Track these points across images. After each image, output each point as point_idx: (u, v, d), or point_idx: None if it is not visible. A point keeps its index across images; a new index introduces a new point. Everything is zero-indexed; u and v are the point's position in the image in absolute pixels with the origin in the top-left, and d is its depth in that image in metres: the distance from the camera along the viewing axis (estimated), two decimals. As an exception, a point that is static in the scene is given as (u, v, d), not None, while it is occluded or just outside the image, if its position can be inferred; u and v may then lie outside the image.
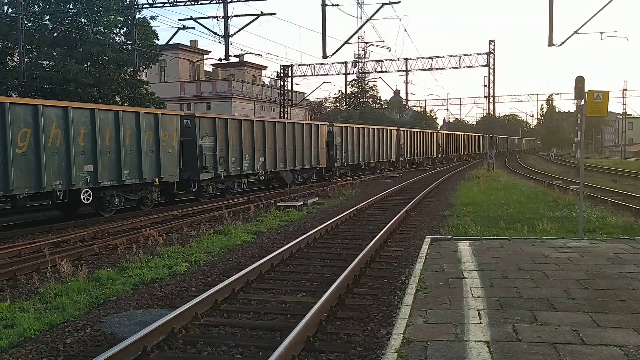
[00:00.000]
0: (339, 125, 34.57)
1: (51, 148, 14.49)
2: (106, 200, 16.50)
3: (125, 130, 16.74)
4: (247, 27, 26.08)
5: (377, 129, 39.67)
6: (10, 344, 6.26)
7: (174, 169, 18.90)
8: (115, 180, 16.51)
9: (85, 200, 15.58)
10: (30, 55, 29.94)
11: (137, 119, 17.32)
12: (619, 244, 10.05)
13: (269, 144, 25.05)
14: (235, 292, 7.97)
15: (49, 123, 14.46)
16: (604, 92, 10.79)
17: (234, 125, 22.63)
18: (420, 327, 5.67)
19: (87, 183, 15.56)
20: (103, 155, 15.96)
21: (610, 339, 5.14)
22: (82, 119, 15.45)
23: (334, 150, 32.06)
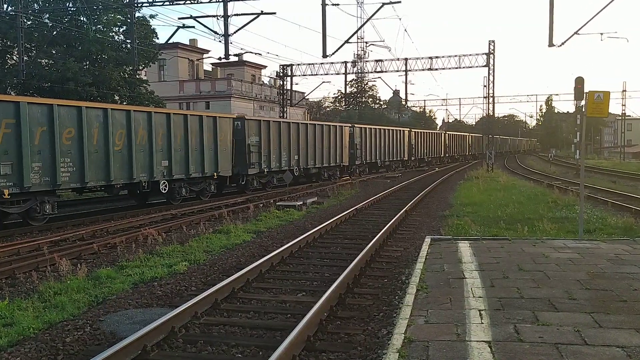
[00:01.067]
0: (359, 127, 36.91)
1: (139, 146, 17.40)
2: (176, 191, 19.39)
3: (192, 132, 19.73)
4: (246, 26, 26.13)
5: (392, 129, 43.01)
6: (10, 343, 6.23)
7: (228, 164, 22.11)
8: (184, 173, 19.51)
9: (163, 190, 18.56)
10: (29, 54, 29.89)
11: (200, 122, 20.33)
12: (619, 244, 10.04)
13: (302, 144, 28.02)
14: (235, 291, 7.95)
15: (138, 125, 17.36)
16: (605, 93, 10.78)
17: (275, 126, 25.63)
18: (421, 327, 5.65)
19: (164, 175, 18.58)
20: (175, 153, 18.96)
21: (612, 340, 5.13)
22: (161, 121, 18.42)
23: (355, 149, 34.95)
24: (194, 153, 19.87)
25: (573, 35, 24.28)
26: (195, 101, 48.81)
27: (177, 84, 49.13)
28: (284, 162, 26.19)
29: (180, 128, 19.24)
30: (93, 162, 15.83)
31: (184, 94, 49.12)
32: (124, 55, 31.20)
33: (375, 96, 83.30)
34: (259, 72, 63.15)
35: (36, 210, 14.58)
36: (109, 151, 16.21)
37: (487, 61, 38.87)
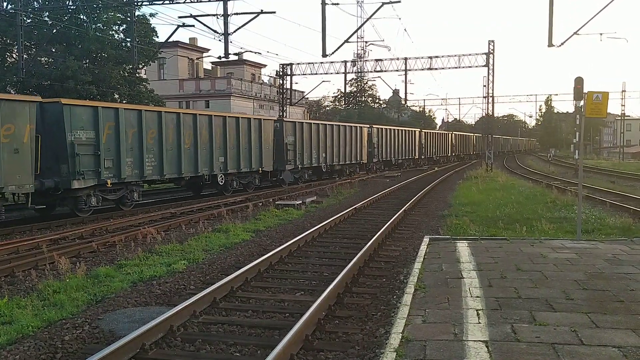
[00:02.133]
0: (377, 127, 40.32)
1: (202, 145, 20.31)
2: (229, 183, 22.30)
3: (242, 132, 22.88)
4: (246, 25, 26.11)
5: (405, 130, 46.66)
6: (8, 341, 6.25)
7: (270, 161, 25.25)
8: (236, 168, 22.58)
9: (220, 182, 21.50)
10: (29, 52, 29.87)
11: (248, 124, 23.61)
12: (617, 245, 10.07)
13: (329, 143, 31.25)
14: (233, 290, 7.97)
15: (202, 127, 20.34)
16: (604, 93, 10.79)
17: (307, 127, 28.87)
18: (419, 326, 5.67)
19: (221, 170, 21.54)
20: (229, 150, 22.02)
21: (608, 340, 5.15)
22: (219, 123, 21.51)
23: (373, 148, 38.39)
24: (244, 151, 23.05)
25: (572, 35, 24.26)
26: (195, 100, 48.80)
27: (177, 83, 49.12)
28: (314, 159, 29.49)
29: (233, 129, 22.37)
30: (169, 158, 18.80)
31: (184, 92, 49.11)
32: (123, 53, 31.19)
33: (375, 95, 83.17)
34: (259, 71, 63.13)
35: (127, 197, 17.48)
36: (180, 149, 19.23)
37: (487, 61, 38.84)
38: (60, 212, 16.64)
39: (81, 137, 15.55)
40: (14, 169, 13.45)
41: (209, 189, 22.41)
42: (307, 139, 28.54)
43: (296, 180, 27.88)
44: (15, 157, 13.49)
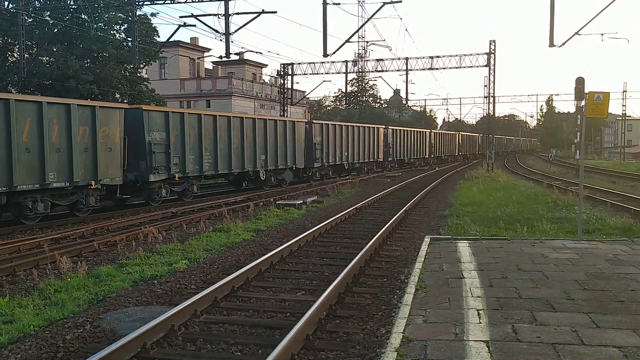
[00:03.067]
0: (392, 128, 43.02)
1: (247, 144, 23.15)
2: (268, 178, 25.14)
3: (279, 133, 25.74)
4: (247, 25, 26.12)
5: (417, 131, 49.81)
6: (10, 340, 6.26)
7: (302, 159, 28.06)
8: (274, 165, 25.31)
9: (262, 178, 24.41)
10: (30, 51, 29.85)
11: (284, 125, 26.40)
12: (618, 245, 10.06)
13: (350, 143, 34.22)
14: (234, 289, 7.98)
15: (247, 128, 23.22)
16: (605, 94, 10.80)
17: (332, 128, 31.85)
18: (419, 326, 5.67)
19: (262, 166, 24.44)
20: (269, 149, 24.85)
21: (609, 340, 5.16)
22: (261, 125, 24.31)
23: (388, 147, 41.14)
24: (281, 149, 25.86)
25: (574, 35, 24.22)
26: (196, 100, 48.81)
27: (178, 83, 49.12)
28: (338, 157, 32.58)
29: (272, 130, 25.14)
30: (222, 156, 21.51)
31: (185, 92, 49.12)
32: (125, 53, 31.19)
33: (376, 95, 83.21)
34: (260, 71, 63.13)
35: (188, 189, 20.22)
36: (230, 148, 22.00)
37: (488, 61, 38.83)
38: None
39: (156, 138, 18.29)
40: (108, 164, 16.25)
41: (250, 183, 24.93)
42: (332, 139, 31.46)
43: (322, 176, 30.90)
44: (108, 155, 16.31)
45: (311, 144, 29.02)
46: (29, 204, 14.28)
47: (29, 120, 13.92)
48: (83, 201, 15.87)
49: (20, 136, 13.69)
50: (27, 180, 13.90)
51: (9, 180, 13.47)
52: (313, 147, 29.16)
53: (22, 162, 13.74)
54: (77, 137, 15.16)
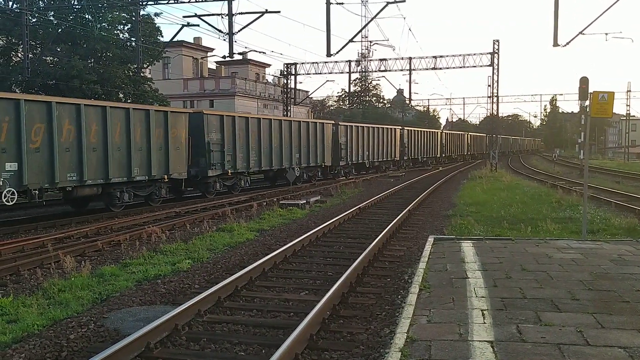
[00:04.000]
0: (407, 129, 45.77)
1: (285, 144, 25.91)
2: (301, 175, 27.56)
3: (311, 134, 28.48)
4: (251, 24, 26.16)
5: (429, 131, 52.85)
6: (14, 339, 6.27)
7: (329, 157, 30.77)
8: (306, 163, 28.23)
9: (297, 174, 26.15)
10: (34, 51, 29.94)
11: (315, 127, 29.30)
12: (622, 245, 10.03)
13: (371, 143, 36.87)
14: (238, 289, 7.98)
15: (286, 130, 26.06)
16: (609, 93, 10.75)
17: (355, 129, 34.56)
18: (424, 326, 5.66)
19: (297, 164, 26.93)
20: (302, 149, 27.67)
21: (614, 340, 5.14)
22: (296, 127, 27.25)
23: (404, 147, 43.87)
24: (312, 149, 28.49)
25: (578, 35, 24.20)
26: (199, 99, 48.86)
27: (182, 82, 49.18)
28: (360, 156, 35.20)
29: (305, 131, 27.84)
30: (265, 154, 24.29)
31: (188, 92, 49.18)
32: (128, 53, 31.25)
33: (379, 95, 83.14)
34: (263, 71, 63.16)
35: (237, 184, 22.92)
36: (271, 147, 24.60)
37: (491, 61, 38.77)
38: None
39: (213, 138, 20.86)
40: (176, 161, 18.89)
41: (282, 179, 26.52)
42: (355, 139, 34.24)
43: (346, 174, 33.59)
44: (177, 153, 18.95)
45: (337, 144, 31.69)
46: (118, 194, 16.90)
47: (119, 124, 16.53)
48: (157, 192, 18.61)
49: (114, 137, 16.28)
50: (117, 173, 16.54)
51: (105, 174, 16.10)
52: (339, 147, 31.82)
53: (114, 159, 16.33)
54: (154, 138, 17.79)
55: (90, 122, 15.52)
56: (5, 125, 13.22)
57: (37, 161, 14.07)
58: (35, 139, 14.00)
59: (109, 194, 16.64)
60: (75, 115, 15.08)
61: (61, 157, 14.64)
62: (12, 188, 13.32)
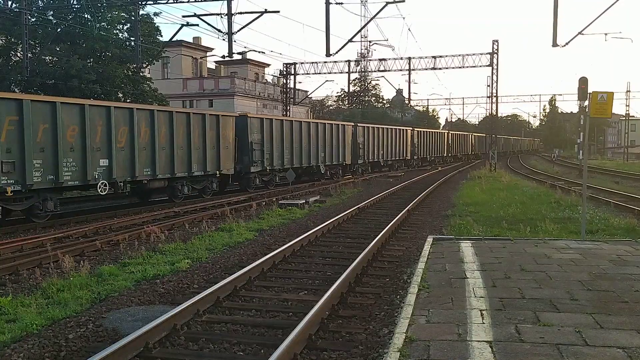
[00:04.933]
0: (417, 130, 48.81)
1: (312, 144, 28.65)
2: (325, 172, 30.61)
3: (334, 135, 31.37)
4: (250, 24, 26.05)
5: (437, 132, 56.96)
6: (13, 339, 6.26)
7: (349, 156, 33.75)
8: (330, 161, 31.03)
9: (323, 171, 29.97)
10: (33, 51, 29.91)
11: (337, 128, 32.06)
12: (621, 245, 10.04)
13: (385, 142, 39.91)
14: (237, 289, 7.98)
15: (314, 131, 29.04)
16: (609, 94, 10.75)
17: (372, 130, 37.56)
18: (422, 326, 5.66)
19: (322, 162, 30.02)
20: (327, 148, 30.49)
21: (613, 341, 5.14)
22: (322, 129, 29.99)
23: (414, 147, 46.94)
24: (335, 148, 31.34)
25: (577, 35, 24.20)
26: (198, 99, 48.83)
27: (181, 82, 49.15)
28: (376, 155, 38.24)
29: (329, 132, 30.70)
30: (296, 153, 27.14)
31: (188, 91, 49.14)
32: (127, 52, 31.23)
33: (379, 95, 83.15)
34: (263, 71, 63.14)
35: (272, 180, 25.51)
36: (301, 147, 27.58)
37: (491, 61, 38.80)
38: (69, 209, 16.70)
39: (255, 139, 23.67)
40: (225, 159, 21.73)
41: (309, 176, 29.65)
42: (371, 139, 37.16)
43: (363, 172, 36.17)
44: (226, 152, 21.80)
45: (356, 144, 34.63)
46: (179, 187, 19.60)
47: (182, 127, 19.39)
48: (209, 186, 21.26)
49: (178, 137, 19.00)
50: (180, 169, 19.25)
51: (172, 169, 18.83)
52: (357, 147, 34.77)
53: (178, 156, 19.05)
54: (208, 138, 20.50)
55: (160, 125, 18.30)
56: (99, 129, 16.05)
57: (122, 158, 16.88)
58: (121, 140, 16.80)
59: (172, 187, 19.35)
60: (149, 119, 17.87)
61: (139, 155, 17.42)
62: (104, 180, 16.07)
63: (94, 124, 15.86)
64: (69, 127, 15.11)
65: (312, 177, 30.00)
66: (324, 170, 30.11)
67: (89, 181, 15.66)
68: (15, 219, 15.01)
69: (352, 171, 34.53)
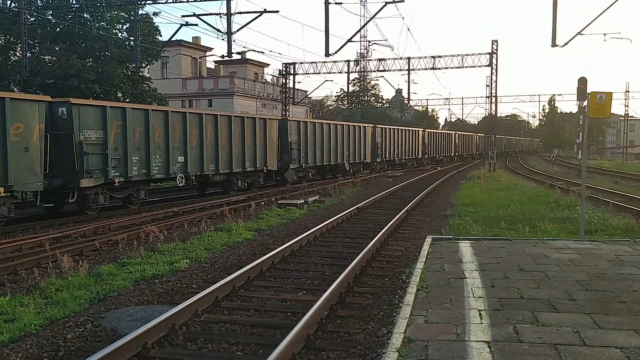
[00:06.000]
0: (428, 131, 52.59)
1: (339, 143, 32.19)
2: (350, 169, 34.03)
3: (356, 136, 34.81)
4: (249, 24, 26.14)
5: (445, 133, 61.21)
6: (11, 339, 6.25)
7: (369, 155, 37.11)
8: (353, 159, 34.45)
9: (347, 168, 33.40)
10: (32, 50, 29.90)
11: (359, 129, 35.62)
12: (620, 245, 10.04)
13: (400, 142, 43.30)
14: (236, 289, 7.97)
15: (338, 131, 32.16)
16: (607, 94, 10.76)
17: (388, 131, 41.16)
18: (421, 326, 5.66)
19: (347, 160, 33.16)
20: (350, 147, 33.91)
21: (611, 341, 5.14)
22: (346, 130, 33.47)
23: (424, 147, 50.49)
24: (357, 147, 35.10)
25: (576, 35, 24.22)
26: (198, 99, 48.81)
27: (180, 82, 49.12)
28: (392, 154, 41.67)
29: (353, 133, 34.44)
30: (325, 152, 30.51)
31: (187, 91, 49.12)
32: (127, 52, 31.23)
33: (378, 95, 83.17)
34: (262, 70, 63.13)
35: (306, 176, 28.88)
36: (330, 146, 31.01)
37: (490, 61, 38.79)
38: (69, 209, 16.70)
39: (293, 139, 27.01)
40: (271, 156, 25.04)
41: (336, 173, 33.17)
42: (388, 139, 40.48)
43: (380, 169, 39.57)
44: (271, 150, 25.09)
45: (374, 144, 37.93)
46: (234, 180, 22.80)
47: (238, 128, 22.53)
48: (257, 180, 24.66)
49: (235, 138, 22.19)
50: (237, 165, 22.50)
51: (230, 165, 22.01)
52: (376, 146, 38.17)
53: (235, 154, 22.21)
54: (258, 139, 23.80)
55: (222, 128, 21.49)
56: (178, 131, 19.13)
57: (194, 155, 19.96)
58: (193, 140, 19.86)
59: (229, 181, 22.45)
60: (213, 122, 21.04)
61: (207, 153, 20.53)
62: (181, 174, 19.26)
63: (174, 127, 18.95)
64: (157, 129, 18.13)
65: (337, 173, 33.18)
66: (348, 167, 33.49)
67: (170, 175, 18.89)
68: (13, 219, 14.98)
69: (372, 168, 38.09)
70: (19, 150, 13.56)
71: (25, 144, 13.70)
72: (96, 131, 15.89)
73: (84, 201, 15.93)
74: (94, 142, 15.84)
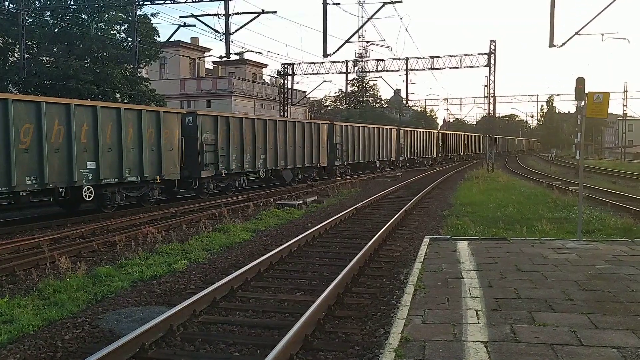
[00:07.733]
0: (442, 132, 58.64)
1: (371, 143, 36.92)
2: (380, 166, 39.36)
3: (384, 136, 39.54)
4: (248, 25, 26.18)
5: (456, 134, 66.37)
6: (9, 340, 6.26)
7: (394, 154, 42.07)
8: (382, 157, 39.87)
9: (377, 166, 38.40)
10: (30, 51, 29.90)
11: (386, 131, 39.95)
12: (617, 245, 10.06)
13: (418, 143, 48.64)
14: (234, 290, 7.98)
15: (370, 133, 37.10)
16: (605, 94, 10.78)
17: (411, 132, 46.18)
18: (418, 326, 5.67)
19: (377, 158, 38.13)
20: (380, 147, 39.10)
21: (608, 341, 5.15)
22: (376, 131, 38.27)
23: (438, 147, 54.95)
24: (385, 147, 39.32)
25: (574, 35, 24.26)
26: (196, 100, 48.79)
27: (178, 82, 49.11)
28: (412, 154, 46.64)
29: (382, 134, 39.03)
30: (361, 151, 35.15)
31: (185, 92, 49.10)
32: (125, 53, 31.22)
33: (376, 95, 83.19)
34: (260, 71, 63.13)
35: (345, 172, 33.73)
36: (364, 146, 35.84)
37: (488, 61, 38.84)
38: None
39: (338, 140, 31.97)
40: (322, 155, 30.00)
41: (367, 169, 37.19)
42: (409, 140, 45.39)
43: (402, 167, 43.49)
44: (322, 150, 29.62)
45: (398, 144, 42.30)
46: (296, 174, 27.35)
47: (299, 132, 27.42)
48: (311, 175, 29.43)
49: (297, 139, 27.03)
50: (299, 162, 27.39)
51: (294, 161, 26.80)
52: (399, 146, 42.44)
53: (298, 153, 26.93)
54: (314, 140, 28.83)
55: (289, 131, 26.45)
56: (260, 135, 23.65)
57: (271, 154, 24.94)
58: (270, 141, 24.75)
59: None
60: (283, 127, 25.93)
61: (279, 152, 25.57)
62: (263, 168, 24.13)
63: (258, 131, 23.73)
64: (247, 134, 23.12)
65: (368, 169, 37.55)
66: (378, 164, 38.07)
67: (255, 169, 23.86)
68: (11, 220, 14.99)
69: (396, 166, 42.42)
70: (167, 149, 18.52)
71: (170, 145, 18.72)
72: (210, 135, 20.81)
73: (201, 188, 20.75)
74: (209, 143, 20.70)
